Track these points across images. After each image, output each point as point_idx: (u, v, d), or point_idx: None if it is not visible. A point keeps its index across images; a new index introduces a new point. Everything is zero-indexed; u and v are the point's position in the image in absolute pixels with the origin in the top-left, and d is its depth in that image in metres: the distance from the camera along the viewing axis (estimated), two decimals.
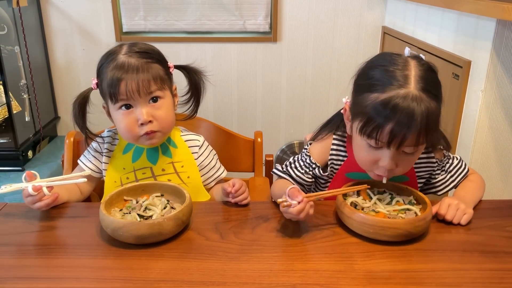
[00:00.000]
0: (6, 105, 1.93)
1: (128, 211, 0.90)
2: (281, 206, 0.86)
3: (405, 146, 0.86)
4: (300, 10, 2.27)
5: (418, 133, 0.83)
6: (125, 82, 0.97)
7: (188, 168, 1.11)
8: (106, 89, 1.00)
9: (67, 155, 1.29)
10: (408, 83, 0.84)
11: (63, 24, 2.28)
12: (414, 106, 0.82)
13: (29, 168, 2.00)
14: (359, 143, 0.92)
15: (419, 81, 0.84)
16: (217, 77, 2.35)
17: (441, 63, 1.56)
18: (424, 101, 0.83)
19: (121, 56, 1.00)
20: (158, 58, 1.04)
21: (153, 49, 1.05)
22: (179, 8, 2.24)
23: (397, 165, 0.90)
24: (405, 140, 0.84)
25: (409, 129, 0.82)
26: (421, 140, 0.85)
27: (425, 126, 0.83)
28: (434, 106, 0.84)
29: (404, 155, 0.89)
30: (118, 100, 0.99)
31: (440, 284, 0.73)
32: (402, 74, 0.85)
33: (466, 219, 0.90)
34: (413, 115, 0.82)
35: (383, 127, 0.84)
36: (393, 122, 0.83)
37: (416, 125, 0.82)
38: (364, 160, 0.94)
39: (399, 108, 0.82)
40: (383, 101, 0.84)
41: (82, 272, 0.76)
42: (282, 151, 2.51)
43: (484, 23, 1.33)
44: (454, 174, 1.06)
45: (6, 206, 0.99)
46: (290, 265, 0.78)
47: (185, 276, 0.75)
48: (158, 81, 1.01)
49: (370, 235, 0.84)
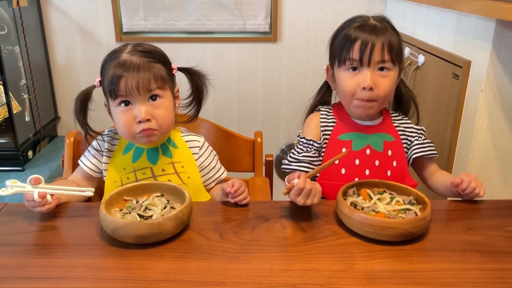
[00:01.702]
0: (6, 105, 1.93)
1: (128, 211, 0.90)
2: (288, 193, 0.92)
3: (376, 61, 1.04)
4: (300, 10, 2.27)
5: (382, 46, 1.03)
6: (125, 79, 0.98)
7: (188, 168, 1.11)
8: (106, 86, 1.01)
9: (67, 155, 1.29)
10: (368, 17, 1.09)
11: (63, 24, 2.28)
12: (374, 23, 1.07)
13: (29, 168, 2.00)
14: (341, 77, 1.09)
15: (378, 18, 1.09)
16: (217, 77, 2.35)
17: (441, 63, 1.56)
18: (383, 22, 1.07)
19: (124, 55, 1.01)
20: (161, 59, 1.04)
21: (157, 50, 1.06)
22: (179, 8, 2.24)
23: (376, 85, 1.04)
24: (374, 51, 1.03)
25: (373, 39, 1.03)
26: (387, 55, 1.04)
27: (387, 39, 1.04)
28: (392, 27, 1.08)
29: (379, 77, 1.05)
30: (117, 96, 0.99)
31: (440, 284, 0.73)
32: (362, 17, 1.10)
33: (484, 192, 0.98)
34: (374, 27, 1.05)
35: (352, 47, 1.05)
36: (359, 39, 1.04)
37: (377, 33, 1.04)
38: (347, 90, 1.08)
39: (361, 26, 1.06)
40: (348, 30, 1.07)
41: (82, 272, 0.76)
42: (282, 151, 2.51)
43: (484, 23, 1.33)
44: (426, 146, 1.14)
45: (6, 206, 0.99)
46: (290, 265, 0.78)
47: (185, 276, 0.75)
48: (159, 81, 1.01)
49: (370, 235, 0.84)
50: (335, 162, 1.02)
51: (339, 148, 1.11)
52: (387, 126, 1.15)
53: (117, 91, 0.99)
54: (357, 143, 1.11)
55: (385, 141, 1.12)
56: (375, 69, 1.05)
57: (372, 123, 1.14)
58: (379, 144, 1.12)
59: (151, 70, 1.00)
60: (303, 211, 0.96)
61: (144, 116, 0.99)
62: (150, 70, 1.00)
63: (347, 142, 1.12)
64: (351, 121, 1.14)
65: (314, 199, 0.91)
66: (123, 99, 1.00)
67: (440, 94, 1.56)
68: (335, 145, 1.12)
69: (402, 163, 1.13)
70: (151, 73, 1.00)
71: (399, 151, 1.13)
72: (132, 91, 0.98)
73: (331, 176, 1.10)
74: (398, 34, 1.09)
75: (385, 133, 1.13)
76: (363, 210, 0.90)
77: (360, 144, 1.11)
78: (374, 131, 1.13)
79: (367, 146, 1.11)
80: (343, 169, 1.11)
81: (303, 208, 0.97)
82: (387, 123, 1.15)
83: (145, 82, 0.98)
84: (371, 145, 1.11)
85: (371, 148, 1.11)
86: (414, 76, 1.77)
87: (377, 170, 1.10)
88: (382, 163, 1.11)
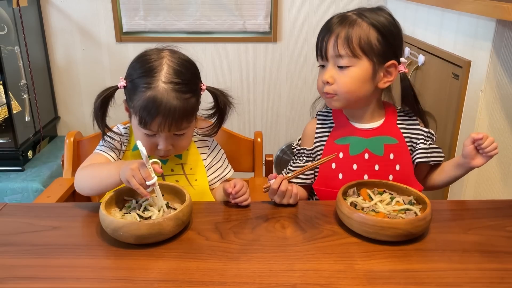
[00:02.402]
0: (6, 105, 1.93)
1: (128, 211, 0.90)
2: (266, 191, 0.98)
3: (331, 55, 1.02)
4: (300, 10, 2.27)
5: (335, 39, 1.01)
6: (159, 120, 0.94)
7: (197, 171, 1.11)
8: (137, 109, 0.95)
9: (67, 155, 1.29)
10: (353, 10, 1.05)
11: (63, 24, 2.28)
12: (346, 15, 1.04)
13: (29, 168, 2.00)
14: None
15: (363, 9, 1.04)
16: (217, 77, 2.36)
17: (441, 63, 1.56)
18: (362, 15, 1.02)
19: (161, 85, 0.94)
20: (195, 88, 1.00)
21: (192, 75, 1.00)
22: (179, 8, 2.24)
23: (334, 80, 1.02)
24: (328, 45, 1.02)
25: (329, 33, 1.03)
26: (342, 50, 0.99)
27: (346, 33, 1.00)
28: (373, 21, 1.01)
29: (339, 71, 1.02)
30: (146, 129, 0.96)
31: (440, 284, 0.73)
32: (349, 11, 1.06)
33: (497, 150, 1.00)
34: (340, 20, 1.03)
35: (317, 42, 1.06)
36: (321, 35, 1.05)
37: (336, 27, 1.02)
38: (317, 87, 1.08)
39: (329, 20, 1.06)
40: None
41: (82, 272, 0.76)
42: (282, 151, 2.51)
43: (484, 23, 1.33)
44: (430, 151, 1.09)
45: (6, 206, 0.99)
46: (290, 265, 0.78)
47: (185, 276, 0.75)
48: (189, 118, 0.98)
49: (370, 235, 0.84)
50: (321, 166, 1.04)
51: (335, 152, 1.08)
52: (389, 127, 1.09)
53: (148, 126, 0.95)
54: (354, 147, 1.07)
55: (387, 144, 1.07)
56: (334, 63, 1.02)
57: (371, 126, 1.09)
58: (379, 147, 1.07)
59: (185, 112, 0.95)
60: (303, 211, 0.96)
61: (166, 148, 0.99)
62: (184, 112, 0.95)
63: (344, 146, 1.08)
64: (349, 124, 1.10)
65: (291, 199, 0.97)
66: (148, 132, 0.98)
67: (440, 94, 1.56)
68: (332, 149, 1.09)
69: (406, 167, 1.07)
70: (184, 115, 0.95)
71: (403, 154, 1.08)
72: (163, 130, 0.96)
73: (328, 181, 1.08)
74: (381, 27, 1.00)
75: (386, 135, 1.08)
76: (363, 210, 0.90)
77: (358, 149, 1.07)
78: (373, 134, 1.08)
79: (365, 151, 1.07)
80: (340, 174, 1.08)
81: (303, 208, 0.97)
82: (390, 125, 1.09)
83: (177, 124, 0.96)
84: (370, 149, 1.07)
85: (369, 152, 1.07)
86: (414, 76, 1.77)
87: (377, 175, 1.06)
88: (382, 168, 1.07)
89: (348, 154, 1.08)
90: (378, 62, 1.01)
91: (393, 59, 1.03)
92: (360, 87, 1.02)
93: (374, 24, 1.00)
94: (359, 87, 1.02)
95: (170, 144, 1.00)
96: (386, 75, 1.04)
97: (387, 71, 1.03)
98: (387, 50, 1.01)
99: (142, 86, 0.95)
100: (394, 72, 1.04)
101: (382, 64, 1.02)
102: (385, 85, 1.05)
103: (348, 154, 1.08)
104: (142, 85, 0.95)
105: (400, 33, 1.05)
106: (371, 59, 1.00)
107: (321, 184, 1.09)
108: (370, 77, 1.02)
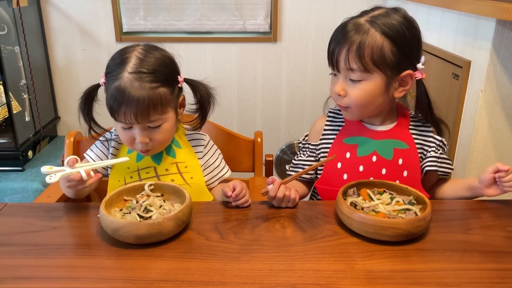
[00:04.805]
0: (6, 105, 1.93)
1: (128, 211, 0.90)
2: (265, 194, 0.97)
3: (343, 68, 0.98)
4: (300, 10, 2.27)
5: (347, 52, 0.96)
6: (124, 110, 0.95)
7: (192, 168, 1.11)
8: (107, 103, 0.98)
9: (67, 155, 1.29)
10: (365, 12, 1.00)
11: (63, 24, 2.28)
12: (359, 22, 0.97)
13: (29, 168, 2.00)
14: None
15: (376, 15, 0.97)
16: (217, 77, 2.35)
17: (441, 63, 1.56)
18: (374, 22, 0.96)
19: (126, 75, 0.95)
20: (165, 79, 0.99)
21: (163, 65, 1.00)
22: (179, 8, 2.24)
23: (346, 93, 0.99)
24: (339, 58, 0.98)
25: (340, 44, 0.97)
26: (353, 64, 0.95)
27: (356, 45, 0.95)
28: (384, 29, 0.96)
29: (350, 84, 0.98)
30: (117, 120, 0.99)
31: (440, 284, 0.73)
32: (364, 12, 1.02)
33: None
34: (354, 27, 0.97)
35: (328, 50, 1.01)
36: (332, 43, 1.00)
37: (347, 38, 0.96)
38: (331, 94, 1.05)
39: (341, 27, 1.01)
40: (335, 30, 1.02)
41: (82, 272, 0.76)
42: (282, 151, 2.51)
43: (484, 23, 1.33)
44: (440, 161, 1.06)
45: (6, 206, 0.99)
46: (290, 265, 0.78)
47: (185, 276, 0.75)
48: (159, 108, 0.98)
49: (370, 235, 0.84)
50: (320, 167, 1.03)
51: (343, 151, 1.06)
52: (401, 132, 1.05)
53: (116, 117, 0.97)
54: (362, 148, 1.04)
55: (396, 148, 1.04)
56: (346, 75, 0.98)
57: (383, 128, 1.05)
58: (388, 151, 1.03)
59: (151, 100, 0.95)
60: (303, 211, 0.96)
61: (142, 140, 1.00)
62: (150, 100, 0.95)
63: (353, 146, 1.05)
64: (359, 124, 1.07)
65: (289, 204, 0.98)
66: (123, 125, 0.99)
67: (440, 94, 1.56)
68: (340, 147, 1.07)
69: (414, 174, 1.04)
70: (150, 103, 0.95)
71: (412, 160, 1.04)
72: (131, 120, 0.96)
73: (331, 181, 1.06)
74: (395, 36, 0.95)
75: (397, 139, 1.04)
76: (363, 210, 0.90)
77: (366, 150, 1.04)
78: (383, 136, 1.04)
79: (374, 153, 1.04)
80: (345, 174, 1.05)
81: (303, 208, 0.98)
82: (402, 129, 1.06)
83: (143, 115, 0.96)
84: (379, 152, 1.03)
85: (378, 155, 1.03)
86: None
87: (383, 179, 1.00)
88: (390, 172, 1.03)
89: (355, 155, 1.05)
90: (392, 75, 0.97)
91: (409, 68, 0.98)
92: (373, 100, 0.99)
93: (387, 33, 0.94)
94: (372, 100, 0.99)
95: (146, 137, 1.00)
96: (402, 83, 1.00)
97: (402, 80, 1.00)
98: (401, 61, 0.97)
99: (111, 78, 0.97)
100: (410, 81, 1.00)
101: (397, 76, 0.98)
102: (401, 94, 1.02)
103: (355, 154, 1.05)
104: (111, 77, 0.98)
105: (417, 36, 1.00)
106: (384, 72, 0.96)
107: (325, 183, 1.08)
108: (383, 90, 0.98)
